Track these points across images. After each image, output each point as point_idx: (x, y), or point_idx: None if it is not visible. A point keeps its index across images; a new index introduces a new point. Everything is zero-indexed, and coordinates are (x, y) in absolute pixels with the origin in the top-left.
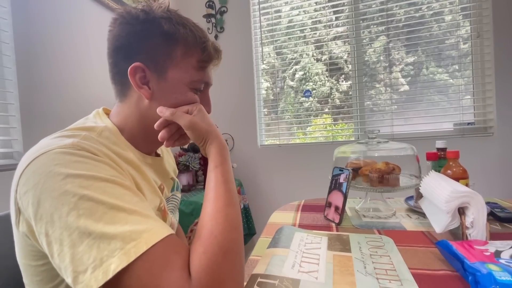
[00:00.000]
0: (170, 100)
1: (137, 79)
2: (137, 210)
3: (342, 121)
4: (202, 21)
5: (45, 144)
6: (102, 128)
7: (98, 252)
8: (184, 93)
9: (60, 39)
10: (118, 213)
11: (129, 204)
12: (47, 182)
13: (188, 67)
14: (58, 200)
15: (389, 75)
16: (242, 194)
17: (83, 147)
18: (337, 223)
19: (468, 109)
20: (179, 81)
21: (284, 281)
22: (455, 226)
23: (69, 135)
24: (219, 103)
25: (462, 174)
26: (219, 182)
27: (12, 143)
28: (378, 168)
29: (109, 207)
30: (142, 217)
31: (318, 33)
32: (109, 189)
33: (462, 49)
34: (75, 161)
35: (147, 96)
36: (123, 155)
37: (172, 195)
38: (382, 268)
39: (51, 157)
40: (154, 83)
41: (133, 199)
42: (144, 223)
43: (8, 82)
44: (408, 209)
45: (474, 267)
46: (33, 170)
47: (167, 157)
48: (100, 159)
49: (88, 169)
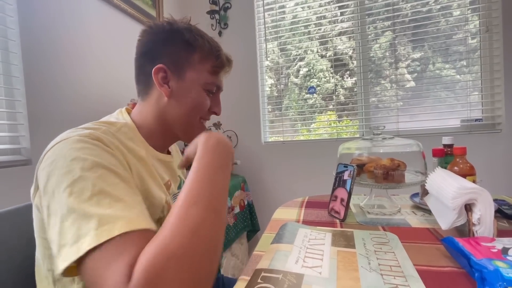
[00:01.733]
0: (186, 99)
1: (159, 78)
2: (123, 199)
3: (347, 118)
4: (205, 17)
5: (68, 133)
6: (122, 124)
7: (77, 229)
8: (199, 92)
9: (66, 36)
10: (105, 198)
11: (118, 193)
12: (58, 162)
13: (203, 70)
14: (61, 177)
15: (394, 71)
16: (246, 191)
17: (97, 137)
18: (341, 219)
19: (476, 105)
20: (195, 82)
21: (288, 276)
22: (462, 223)
23: (91, 127)
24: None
25: (469, 171)
26: (192, 177)
27: (19, 139)
28: (383, 164)
29: (98, 191)
30: (126, 206)
31: (323, 29)
32: (106, 176)
33: (470, 44)
34: (86, 147)
35: (167, 93)
36: (135, 150)
37: (179, 191)
38: (387, 264)
39: (68, 142)
40: (174, 83)
41: (125, 190)
42: (126, 211)
43: (15, 79)
44: (414, 206)
45: (480, 263)
46: (52, 152)
47: (176, 156)
48: (107, 150)
49: (94, 155)
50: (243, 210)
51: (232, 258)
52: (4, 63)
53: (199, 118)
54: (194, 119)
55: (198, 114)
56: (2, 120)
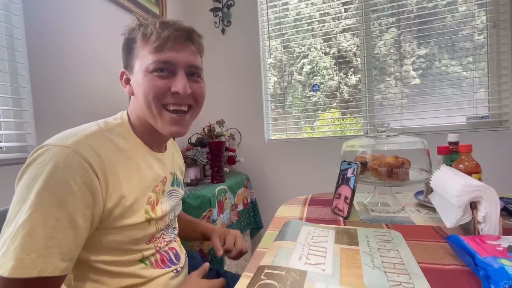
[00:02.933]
0: (139, 90)
1: (123, 81)
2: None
3: (351, 115)
4: (209, 15)
5: (57, 141)
6: (117, 124)
7: (3, 243)
8: (145, 78)
9: (71, 34)
10: (30, 229)
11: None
12: (31, 174)
13: (145, 54)
14: (21, 189)
15: (399, 68)
16: (249, 188)
17: (80, 153)
18: (345, 217)
19: (482, 103)
20: (140, 70)
21: (291, 272)
22: (467, 221)
23: (80, 133)
24: (226, 97)
25: (474, 169)
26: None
27: (26, 137)
28: (387, 162)
29: (28, 219)
30: (38, 246)
31: (327, 25)
32: (49, 212)
33: (477, 40)
34: (56, 179)
35: (130, 92)
36: (125, 150)
37: (173, 189)
38: (390, 262)
39: (49, 164)
40: (132, 80)
41: (61, 230)
42: (26, 252)
43: (21, 77)
44: (418, 204)
45: (485, 261)
46: (36, 162)
47: (173, 154)
48: (76, 177)
49: (56, 188)
50: (246, 208)
51: None
52: (11, 61)
53: (162, 106)
54: (156, 107)
55: (157, 100)
56: (8, 118)
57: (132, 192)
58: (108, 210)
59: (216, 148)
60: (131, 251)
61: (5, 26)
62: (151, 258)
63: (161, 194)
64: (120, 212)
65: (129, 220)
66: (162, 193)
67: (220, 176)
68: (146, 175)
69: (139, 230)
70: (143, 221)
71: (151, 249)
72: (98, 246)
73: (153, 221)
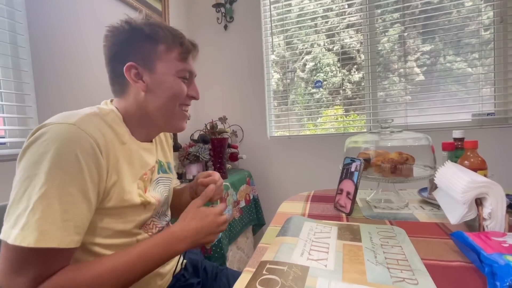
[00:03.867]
0: (163, 89)
1: (132, 75)
2: (60, 210)
3: (354, 112)
4: (211, 11)
5: (60, 119)
6: (109, 111)
7: (17, 217)
8: (173, 81)
9: (74, 29)
10: (43, 204)
11: (63, 201)
12: (36, 148)
13: (172, 59)
14: (29, 164)
15: (403, 65)
16: (251, 185)
17: (84, 129)
18: (348, 213)
19: (488, 99)
20: (167, 72)
21: (293, 268)
22: (472, 217)
23: (82, 112)
24: (228, 94)
25: (480, 165)
26: (143, 251)
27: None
28: (391, 158)
29: (44, 193)
30: (56, 219)
31: (330, 22)
32: (64, 184)
33: (483, 36)
34: (64, 154)
35: (143, 88)
36: (120, 135)
37: (159, 176)
38: (394, 258)
39: (54, 138)
40: (147, 77)
41: (75, 204)
42: (48, 224)
43: (24, 73)
44: (422, 201)
45: (491, 258)
46: (40, 139)
47: (161, 143)
48: (83, 155)
49: (65, 163)
50: (248, 204)
51: (238, 252)
52: (14, 57)
53: (179, 105)
54: (174, 107)
55: (177, 101)
56: (12, 113)
57: (127, 175)
58: (108, 189)
59: (218, 144)
60: (127, 234)
61: (8, 21)
62: None
63: (149, 182)
64: (118, 192)
65: (126, 201)
66: (150, 181)
67: (223, 172)
68: (135, 163)
69: (133, 213)
70: (139, 203)
71: (144, 234)
72: (93, 228)
73: (148, 206)
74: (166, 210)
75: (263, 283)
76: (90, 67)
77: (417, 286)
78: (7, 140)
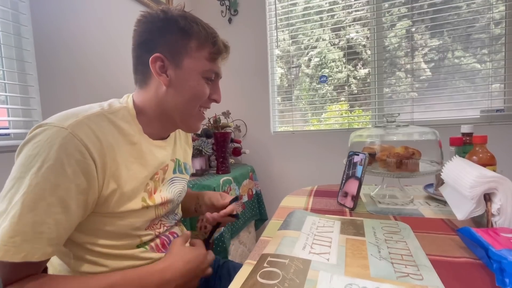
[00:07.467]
0: (185, 87)
1: (157, 67)
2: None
3: (359, 108)
4: (215, 4)
5: (55, 121)
6: (121, 107)
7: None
8: (197, 80)
9: (77, 21)
10: (22, 214)
11: (37, 213)
12: (28, 152)
13: (201, 58)
14: (19, 166)
15: (410, 61)
16: (254, 180)
17: (77, 135)
18: (351, 208)
19: (497, 95)
20: (193, 70)
21: (294, 261)
22: (480, 213)
23: (80, 113)
24: (232, 89)
25: (489, 160)
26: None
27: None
28: (396, 152)
29: (24, 199)
30: (27, 231)
31: (336, 16)
32: (45, 192)
33: (494, 32)
34: (52, 162)
35: (165, 82)
36: (129, 134)
37: (174, 176)
38: (398, 253)
39: (48, 144)
40: (172, 71)
41: (51, 215)
42: (15, 236)
43: (28, 64)
44: (427, 197)
45: (500, 254)
46: (36, 140)
47: (175, 140)
48: (68, 174)
49: (53, 170)
50: (251, 199)
51: (240, 246)
52: (17, 48)
53: (199, 107)
54: (194, 107)
55: (198, 102)
56: (16, 105)
57: (130, 179)
58: (104, 197)
59: (221, 139)
60: (129, 236)
61: (12, 12)
62: (150, 243)
63: (161, 182)
64: (116, 199)
65: (126, 207)
66: (162, 181)
67: (225, 167)
68: (147, 162)
69: (136, 216)
70: (139, 208)
71: (150, 235)
72: (95, 230)
73: (151, 208)
74: (176, 209)
75: (264, 276)
76: (93, 58)
77: (422, 281)
78: (11, 131)
